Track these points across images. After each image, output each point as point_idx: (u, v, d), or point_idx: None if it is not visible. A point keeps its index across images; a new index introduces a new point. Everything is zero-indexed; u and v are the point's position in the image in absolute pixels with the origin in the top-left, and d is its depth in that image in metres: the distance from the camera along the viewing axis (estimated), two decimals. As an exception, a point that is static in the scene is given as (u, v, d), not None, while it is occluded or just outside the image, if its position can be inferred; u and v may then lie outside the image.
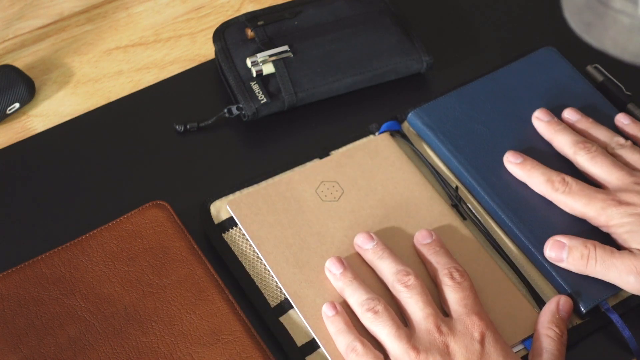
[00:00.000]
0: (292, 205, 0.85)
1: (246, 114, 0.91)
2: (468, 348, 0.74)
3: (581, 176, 0.86)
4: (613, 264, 0.79)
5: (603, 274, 0.80)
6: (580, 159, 0.86)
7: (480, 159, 0.88)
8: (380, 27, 0.95)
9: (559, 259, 0.81)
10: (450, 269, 0.79)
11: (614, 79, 0.95)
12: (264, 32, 0.94)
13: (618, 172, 0.83)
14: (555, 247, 0.81)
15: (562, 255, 0.81)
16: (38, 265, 0.81)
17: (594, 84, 0.95)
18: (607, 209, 0.81)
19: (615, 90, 0.94)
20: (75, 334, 0.77)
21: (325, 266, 0.81)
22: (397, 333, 0.75)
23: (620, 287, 0.80)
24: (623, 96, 0.94)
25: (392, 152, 0.89)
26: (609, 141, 0.87)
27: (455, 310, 0.77)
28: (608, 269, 0.79)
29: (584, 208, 0.82)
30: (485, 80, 0.94)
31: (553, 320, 0.78)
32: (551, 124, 0.89)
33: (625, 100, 0.94)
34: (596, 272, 0.80)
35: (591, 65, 0.96)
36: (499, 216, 0.85)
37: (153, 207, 0.84)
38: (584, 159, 0.85)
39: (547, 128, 0.89)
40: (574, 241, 0.81)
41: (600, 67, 0.96)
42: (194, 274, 0.81)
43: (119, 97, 0.95)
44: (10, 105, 0.91)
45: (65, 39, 0.99)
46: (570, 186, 0.83)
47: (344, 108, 0.95)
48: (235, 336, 0.78)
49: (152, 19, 1.01)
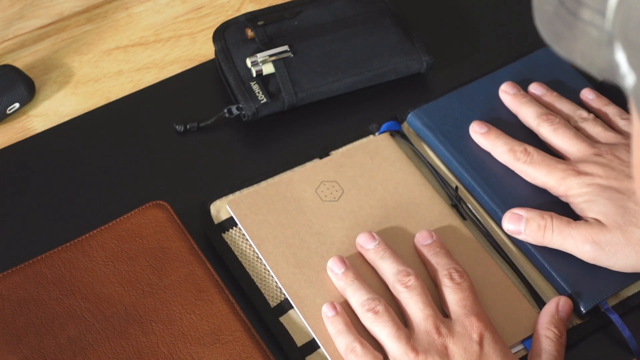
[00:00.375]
0: (292, 205, 0.85)
1: (246, 114, 0.91)
2: (467, 349, 0.74)
3: (545, 149, 0.87)
4: (569, 234, 0.80)
5: (560, 244, 0.81)
6: (543, 130, 0.87)
7: (480, 159, 0.88)
8: (380, 27, 0.95)
9: (517, 231, 0.82)
10: (450, 269, 0.79)
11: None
12: (264, 32, 0.94)
13: (579, 143, 0.85)
14: (513, 219, 0.82)
15: (520, 227, 0.82)
16: (38, 265, 0.81)
17: (593, 84, 0.95)
18: (567, 179, 0.83)
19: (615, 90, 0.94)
20: (75, 334, 0.77)
21: (327, 265, 0.81)
22: (397, 334, 0.75)
23: (577, 256, 0.81)
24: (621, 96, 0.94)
25: (392, 152, 0.89)
26: (572, 114, 0.89)
27: (455, 311, 0.77)
28: (565, 239, 0.80)
29: (544, 178, 0.84)
30: (485, 80, 0.94)
31: (552, 321, 0.78)
32: (517, 97, 0.90)
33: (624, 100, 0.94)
34: (553, 242, 0.81)
35: (591, 65, 0.96)
36: (499, 216, 0.85)
37: (153, 207, 0.84)
38: (546, 131, 0.87)
39: (513, 100, 0.90)
40: (530, 213, 0.82)
41: (600, 67, 0.96)
42: (194, 274, 0.81)
43: (119, 97, 0.95)
44: (10, 105, 0.91)
45: (65, 39, 0.99)
46: (531, 156, 0.85)
47: (344, 108, 0.95)
48: (235, 336, 0.78)
49: (152, 19, 1.01)
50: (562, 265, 0.82)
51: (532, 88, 0.92)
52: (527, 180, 0.86)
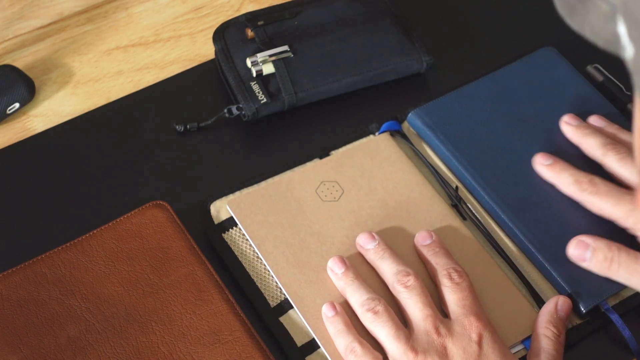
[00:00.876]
0: (292, 205, 0.85)
1: (246, 114, 0.91)
2: (465, 349, 0.74)
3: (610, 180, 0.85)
4: (636, 270, 0.79)
5: (625, 279, 0.79)
6: (609, 160, 0.85)
7: (480, 159, 0.88)
8: (380, 27, 0.95)
9: (582, 258, 0.81)
10: (449, 269, 0.79)
11: (614, 79, 0.95)
12: (264, 32, 0.94)
13: None
14: (580, 246, 0.81)
15: (585, 256, 0.80)
16: (38, 265, 0.81)
17: (594, 84, 0.95)
18: (636, 211, 0.81)
19: (615, 90, 0.94)
20: (75, 334, 0.77)
21: (327, 265, 0.81)
22: (396, 334, 0.75)
23: None
24: (623, 96, 0.94)
25: (392, 152, 0.89)
26: None
27: (454, 311, 0.77)
28: (631, 274, 0.79)
29: (611, 209, 0.82)
30: (485, 80, 0.94)
31: (551, 320, 0.78)
32: (580, 128, 0.88)
33: (625, 100, 0.94)
34: (619, 276, 0.80)
35: (591, 65, 0.96)
36: (499, 216, 0.85)
37: (153, 207, 0.84)
38: (612, 160, 0.85)
39: (576, 132, 0.88)
40: (598, 242, 0.80)
41: (600, 67, 0.96)
42: (194, 274, 0.81)
43: (119, 97, 0.95)
44: (10, 105, 0.91)
45: (65, 39, 0.99)
46: (598, 187, 0.83)
47: (344, 108, 0.94)
48: (235, 336, 0.78)
49: (152, 19, 1.01)
50: (562, 265, 0.82)
51: (592, 120, 0.90)
52: (594, 211, 0.83)
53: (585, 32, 0.45)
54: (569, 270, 0.81)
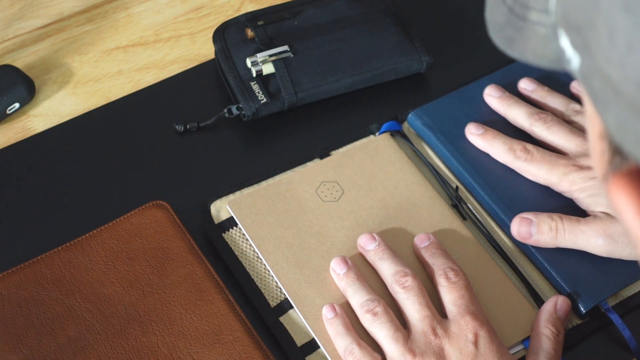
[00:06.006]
0: (292, 205, 0.85)
1: (246, 114, 0.91)
2: (462, 350, 0.74)
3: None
4: (581, 231, 0.80)
5: (572, 242, 0.81)
6: (537, 130, 0.87)
7: (480, 159, 0.88)
8: (380, 27, 0.95)
9: (529, 234, 0.82)
10: (446, 269, 0.79)
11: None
12: (264, 32, 0.94)
13: (576, 138, 0.85)
14: (524, 223, 0.82)
15: (531, 231, 0.82)
16: (38, 265, 0.81)
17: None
18: (569, 174, 0.83)
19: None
20: (75, 334, 0.77)
21: (330, 266, 0.81)
22: (395, 335, 0.75)
23: (590, 252, 0.81)
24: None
25: (392, 153, 0.89)
26: (564, 109, 0.89)
27: (451, 310, 0.77)
28: (577, 236, 0.80)
29: (546, 175, 0.84)
30: (485, 80, 0.94)
31: (550, 319, 0.78)
32: (503, 99, 0.90)
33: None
34: (565, 241, 0.81)
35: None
36: (499, 216, 0.85)
37: (153, 207, 0.84)
38: (540, 129, 0.87)
39: (500, 103, 0.90)
40: (539, 215, 0.82)
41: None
42: (194, 274, 0.81)
43: (119, 97, 0.95)
44: (10, 105, 0.91)
45: (65, 39, 0.99)
46: (531, 153, 0.85)
47: (344, 108, 0.94)
48: (235, 336, 0.78)
49: (152, 19, 1.01)
50: (562, 265, 0.82)
51: (522, 84, 0.92)
52: (529, 178, 0.85)
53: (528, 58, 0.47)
54: (569, 270, 0.81)
